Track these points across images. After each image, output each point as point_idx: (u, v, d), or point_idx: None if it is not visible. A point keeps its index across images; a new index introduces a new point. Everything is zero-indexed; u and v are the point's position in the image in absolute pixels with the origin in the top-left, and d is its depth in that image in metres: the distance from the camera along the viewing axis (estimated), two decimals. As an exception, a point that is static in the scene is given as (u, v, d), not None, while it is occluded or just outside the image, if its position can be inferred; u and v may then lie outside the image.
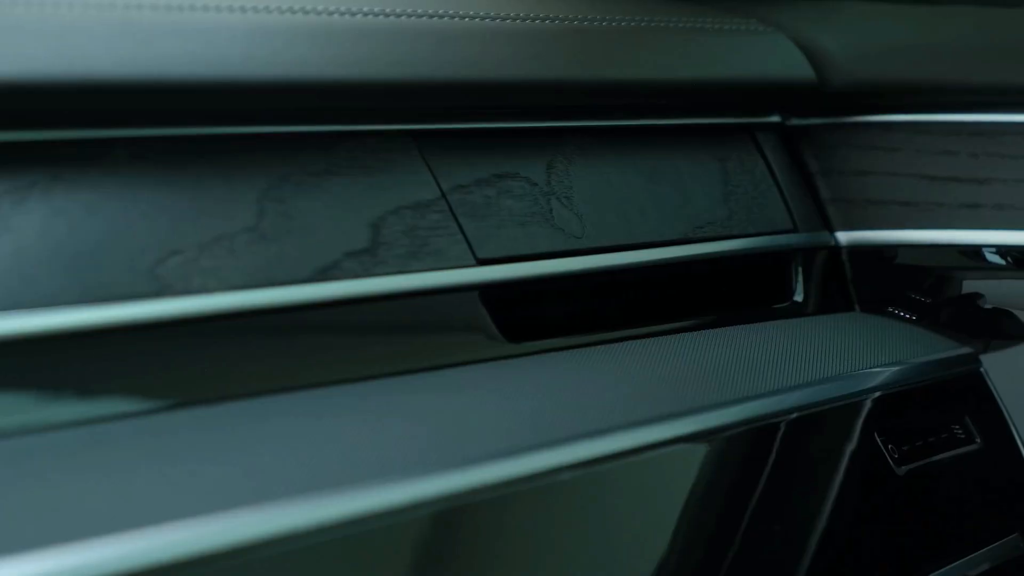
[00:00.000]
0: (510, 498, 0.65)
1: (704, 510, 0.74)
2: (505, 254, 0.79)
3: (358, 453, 0.63)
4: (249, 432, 0.63)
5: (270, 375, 0.67)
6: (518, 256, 0.79)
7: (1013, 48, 0.99)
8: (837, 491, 0.81)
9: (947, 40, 1.02)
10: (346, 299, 0.70)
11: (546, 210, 0.82)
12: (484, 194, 0.79)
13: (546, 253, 0.81)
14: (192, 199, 0.67)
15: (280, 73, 0.71)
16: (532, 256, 0.80)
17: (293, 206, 0.70)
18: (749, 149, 0.98)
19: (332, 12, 0.75)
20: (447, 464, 0.63)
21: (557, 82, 0.84)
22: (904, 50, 1.00)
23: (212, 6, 0.70)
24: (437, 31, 0.79)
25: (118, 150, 0.66)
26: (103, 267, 0.63)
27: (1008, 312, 1.00)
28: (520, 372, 0.75)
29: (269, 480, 0.59)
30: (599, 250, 0.84)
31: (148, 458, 0.59)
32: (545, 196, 0.82)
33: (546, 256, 0.80)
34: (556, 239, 0.82)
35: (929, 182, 0.97)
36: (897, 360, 0.90)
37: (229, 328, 0.66)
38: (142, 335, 0.63)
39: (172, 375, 0.64)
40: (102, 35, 0.65)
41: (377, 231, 0.73)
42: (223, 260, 0.66)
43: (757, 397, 0.79)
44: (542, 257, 0.80)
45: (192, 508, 0.55)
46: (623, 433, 0.71)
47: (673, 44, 0.92)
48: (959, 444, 0.90)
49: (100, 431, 0.60)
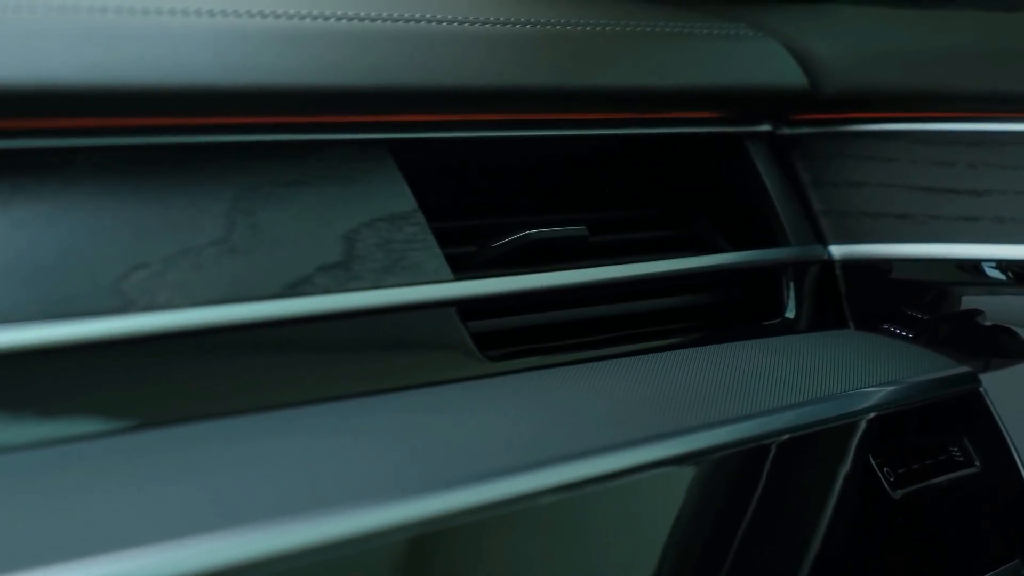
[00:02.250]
0: (487, 524, 0.65)
1: (691, 536, 0.74)
2: (483, 268, 0.79)
3: (329, 476, 0.63)
4: (216, 454, 0.63)
5: (238, 394, 0.67)
6: (497, 270, 0.80)
7: (1013, 54, 1.00)
8: (830, 516, 0.81)
9: (945, 45, 1.02)
10: (318, 315, 0.70)
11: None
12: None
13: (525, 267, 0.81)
14: (157, 211, 0.68)
15: (250, 80, 0.71)
16: (511, 270, 0.81)
17: (263, 218, 0.71)
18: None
19: (304, 16, 0.75)
20: (422, 487, 0.63)
21: (538, 89, 0.84)
22: (900, 56, 1.01)
23: (179, 10, 0.70)
24: (413, 36, 0.79)
25: (80, 160, 0.66)
26: (64, 282, 0.63)
27: (1008, 329, 1.00)
28: (499, 391, 0.76)
29: (236, 504, 0.59)
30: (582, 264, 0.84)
31: (108, 481, 0.59)
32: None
33: (526, 270, 0.81)
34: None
35: (926, 194, 0.98)
36: (893, 379, 0.90)
37: (196, 346, 0.66)
38: (104, 353, 0.64)
39: (136, 395, 0.64)
40: (64, 40, 0.66)
41: (350, 244, 0.73)
42: (190, 275, 0.67)
43: (746, 418, 0.79)
44: (522, 271, 0.81)
45: (154, 534, 0.55)
46: (606, 455, 0.71)
47: (659, 50, 0.92)
48: (957, 467, 0.90)
49: (59, 453, 0.60)
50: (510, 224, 0.83)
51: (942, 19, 1.08)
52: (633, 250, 0.90)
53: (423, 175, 0.77)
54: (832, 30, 1.03)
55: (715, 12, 1.01)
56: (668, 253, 0.90)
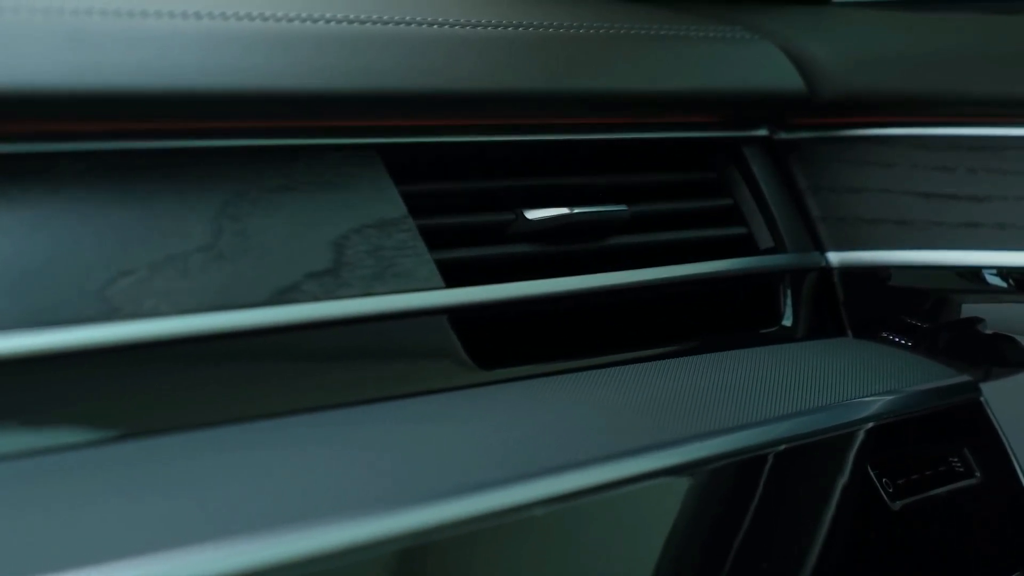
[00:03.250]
0: (479, 535, 0.65)
1: (686, 548, 0.74)
2: (476, 275, 0.79)
3: (319, 487, 0.63)
4: (203, 464, 0.63)
5: (225, 404, 0.67)
6: (489, 278, 0.80)
7: (1014, 57, 1.00)
8: (828, 528, 0.81)
9: (945, 49, 1.02)
10: (306, 323, 0.70)
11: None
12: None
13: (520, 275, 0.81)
14: (143, 217, 0.68)
15: (237, 83, 0.71)
16: (504, 278, 0.81)
17: (250, 224, 0.71)
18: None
19: (292, 18, 0.76)
20: (411, 499, 0.64)
21: (530, 94, 0.85)
22: (899, 59, 1.01)
23: (165, 12, 0.71)
24: (403, 39, 0.79)
25: (64, 165, 0.66)
26: (48, 289, 0.63)
27: (1009, 337, 1.00)
28: (492, 400, 0.76)
29: (224, 515, 0.59)
30: (575, 271, 0.84)
31: (94, 492, 0.59)
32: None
33: (519, 277, 0.81)
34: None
35: (925, 199, 0.98)
36: (892, 388, 0.90)
37: (182, 354, 0.66)
38: (88, 362, 0.64)
39: (121, 404, 0.64)
40: (48, 42, 0.66)
41: (340, 251, 0.73)
42: (176, 282, 0.67)
43: (743, 427, 0.79)
44: (515, 278, 0.81)
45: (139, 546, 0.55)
46: (600, 466, 0.71)
47: (653, 53, 0.93)
48: (957, 478, 0.91)
49: (42, 463, 0.60)
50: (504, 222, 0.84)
51: (942, 22, 1.08)
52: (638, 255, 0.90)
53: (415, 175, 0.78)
54: (830, 33, 1.04)
55: (710, 15, 1.01)
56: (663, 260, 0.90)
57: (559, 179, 0.87)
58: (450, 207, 0.81)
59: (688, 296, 0.92)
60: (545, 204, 0.84)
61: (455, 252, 0.79)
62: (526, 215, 0.83)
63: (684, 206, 0.94)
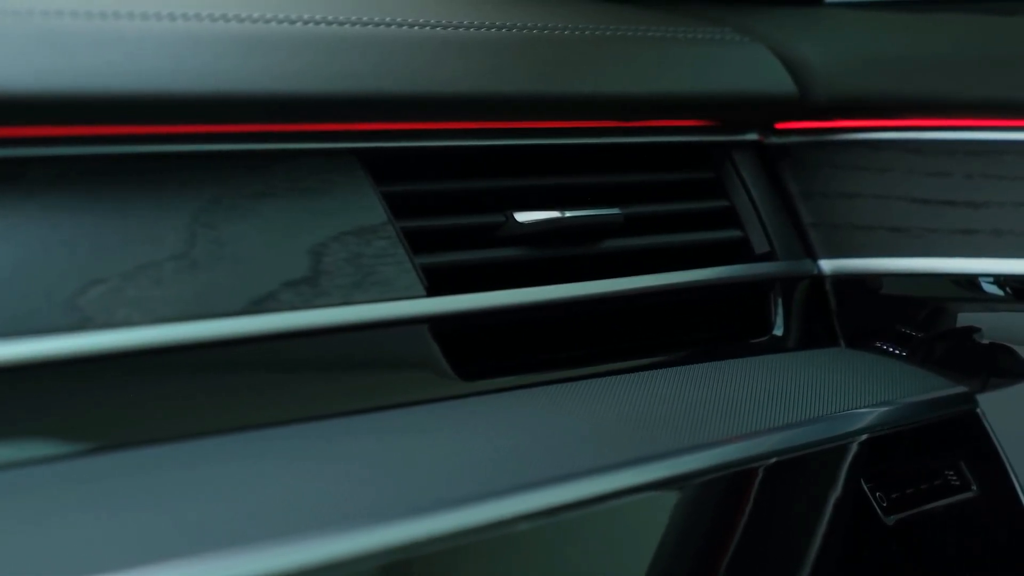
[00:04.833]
0: (459, 551, 0.66)
1: (675, 565, 0.75)
2: (463, 280, 0.79)
3: (295, 500, 0.63)
4: (177, 478, 0.63)
5: (200, 416, 0.67)
6: (477, 282, 0.80)
7: (1010, 60, 1.00)
8: (820, 543, 0.81)
9: (940, 50, 1.02)
10: (284, 333, 0.71)
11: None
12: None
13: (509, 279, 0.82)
14: (115, 224, 0.68)
15: (211, 86, 0.71)
16: (493, 282, 0.81)
17: (226, 231, 0.71)
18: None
19: (269, 20, 0.76)
20: (392, 513, 0.64)
21: (515, 97, 0.85)
22: (893, 61, 1.01)
23: (138, 13, 0.71)
24: (384, 41, 0.79)
25: (34, 171, 0.66)
26: (18, 298, 0.63)
27: (1007, 348, 1.00)
28: (474, 412, 0.76)
29: (197, 530, 0.59)
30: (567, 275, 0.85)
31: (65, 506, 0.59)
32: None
33: (502, 286, 0.81)
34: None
35: (920, 205, 0.98)
36: (885, 400, 0.90)
37: (156, 364, 0.67)
38: (60, 372, 0.64)
39: (93, 416, 0.64)
40: (17, 44, 0.66)
41: (318, 259, 0.73)
42: (149, 290, 0.67)
43: (733, 440, 0.79)
44: (497, 287, 0.81)
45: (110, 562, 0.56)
46: (586, 479, 0.71)
47: (641, 55, 0.93)
48: (953, 491, 0.91)
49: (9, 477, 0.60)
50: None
51: (937, 24, 1.08)
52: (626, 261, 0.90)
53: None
54: (822, 35, 1.04)
55: (700, 16, 1.01)
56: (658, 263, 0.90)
57: (549, 180, 0.88)
58: (436, 209, 0.81)
59: (676, 305, 0.92)
60: (535, 207, 0.85)
61: (441, 256, 0.79)
62: (516, 218, 0.83)
63: (679, 208, 0.94)
